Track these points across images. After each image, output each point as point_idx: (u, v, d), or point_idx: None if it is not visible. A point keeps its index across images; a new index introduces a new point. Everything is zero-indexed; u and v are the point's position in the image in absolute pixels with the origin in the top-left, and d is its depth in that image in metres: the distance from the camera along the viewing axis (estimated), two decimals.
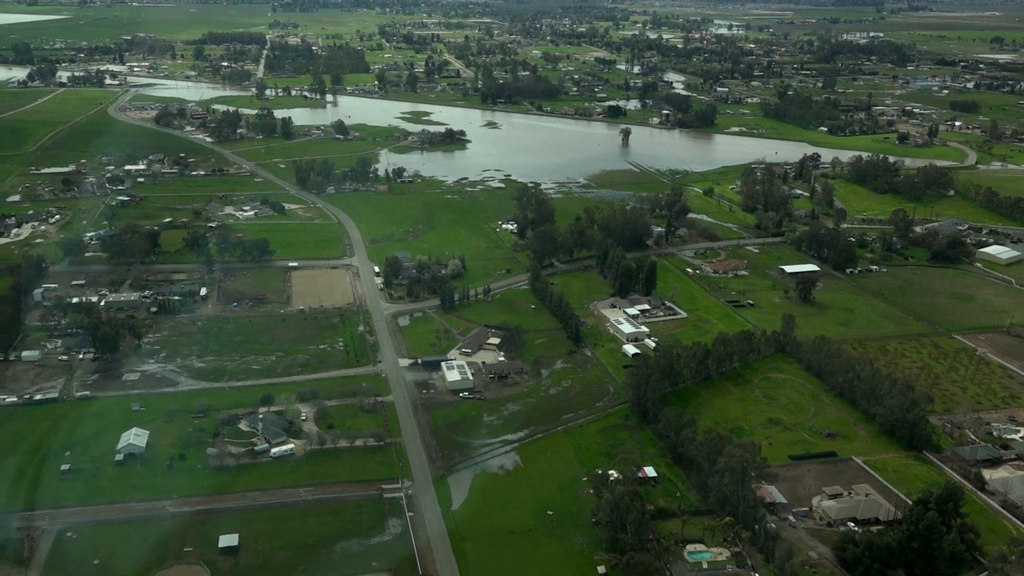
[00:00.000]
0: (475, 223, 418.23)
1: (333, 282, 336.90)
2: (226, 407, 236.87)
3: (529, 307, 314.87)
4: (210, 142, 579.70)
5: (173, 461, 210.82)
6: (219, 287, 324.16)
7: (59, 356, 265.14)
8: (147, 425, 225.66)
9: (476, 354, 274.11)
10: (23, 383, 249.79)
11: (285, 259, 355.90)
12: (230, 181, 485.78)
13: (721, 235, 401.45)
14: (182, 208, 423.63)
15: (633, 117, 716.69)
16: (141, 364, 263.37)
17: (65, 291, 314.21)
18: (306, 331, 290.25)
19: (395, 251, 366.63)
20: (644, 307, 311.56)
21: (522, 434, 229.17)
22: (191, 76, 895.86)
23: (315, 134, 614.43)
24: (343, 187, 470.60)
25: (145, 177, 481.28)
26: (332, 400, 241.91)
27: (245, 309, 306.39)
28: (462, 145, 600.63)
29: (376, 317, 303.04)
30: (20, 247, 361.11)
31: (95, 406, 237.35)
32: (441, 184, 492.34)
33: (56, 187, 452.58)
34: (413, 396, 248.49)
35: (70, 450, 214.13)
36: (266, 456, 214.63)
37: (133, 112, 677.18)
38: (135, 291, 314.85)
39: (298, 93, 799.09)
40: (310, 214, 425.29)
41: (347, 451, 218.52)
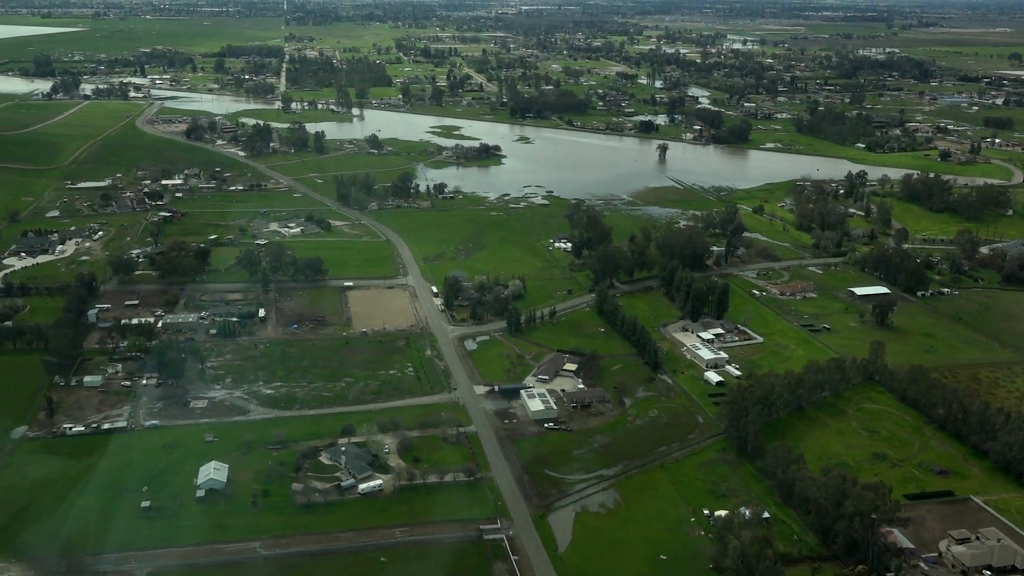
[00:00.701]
0: (525, 241, 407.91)
1: (391, 303, 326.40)
2: (303, 438, 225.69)
3: (598, 330, 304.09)
4: (243, 156, 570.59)
5: (257, 498, 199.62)
6: (276, 308, 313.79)
7: (121, 382, 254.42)
8: (224, 458, 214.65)
9: (553, 381, 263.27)
10: (87, 411, 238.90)
11: (339, 278, 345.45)
12: (269, 197, 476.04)
13: (780, 255, 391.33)
14: (225, 224, 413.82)
15: (665, 132, 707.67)
16: (207, 390, 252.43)
17: (119, 312, 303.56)
18: (372, 355, 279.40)
19: (449, 270, 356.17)
20: (718, 331, 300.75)
21: (617, 469, 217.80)
22: (214, 89, 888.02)
23: (348, 148, 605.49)
24: (385, 203, 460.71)
25: (183, 192, 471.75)
26: (413, 431, 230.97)
27: (306, 331, 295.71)
28: (497, 160, 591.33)
29: (442, 340, 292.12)
30: (66, 265, 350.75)
31: (166, 436, 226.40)
32: (484, 200, 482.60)
33: (94, 202, 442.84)
34: (495, 426, 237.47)
35: (148, 485, 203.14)
36: (353, 492, 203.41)
37: (161, 125, 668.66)
38: (191, 312, 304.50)
39: (324, 107, 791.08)
40: (357, 231, 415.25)
41: (437, 487, 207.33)
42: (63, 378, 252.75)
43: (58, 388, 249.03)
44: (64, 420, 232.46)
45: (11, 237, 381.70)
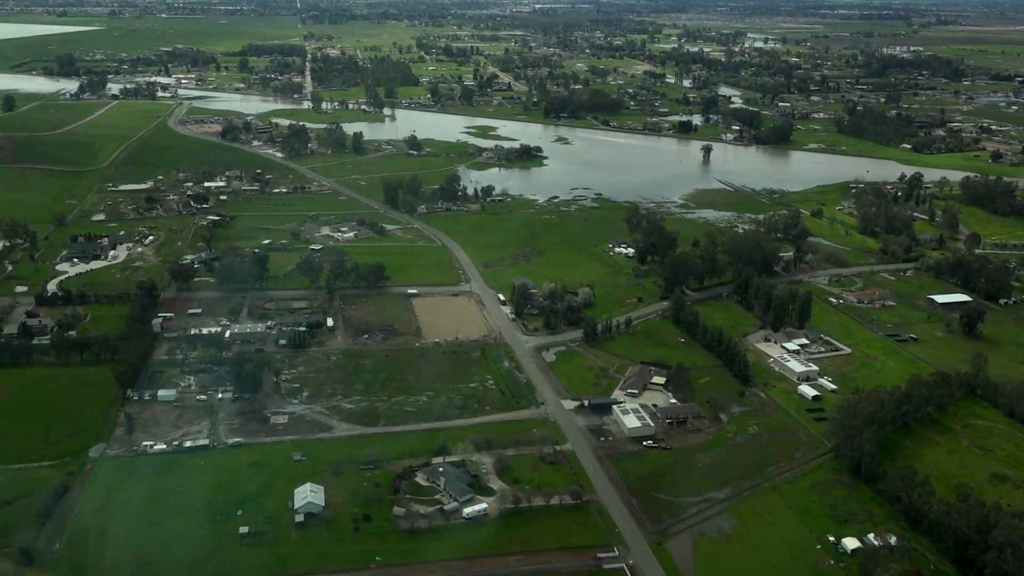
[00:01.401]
0: (583, 246, 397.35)
1: (459, 311, 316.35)
2: (395, 457, 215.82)
3: (677, 340, 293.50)
4: (281, 157, 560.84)
5: (358, 523, 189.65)
6: (342, 316, 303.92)
7: (196, 396, 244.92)
8: (315, 479, 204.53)
9: (642, 395, 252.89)
10: (165, 427, 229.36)
11: (402, 285, 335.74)
12: (313, 199, 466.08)
13: (849, 261, 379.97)
14: (275, 229, 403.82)
15: (704, 133, 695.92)
16: (285, 405, 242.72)
17: (182, 321, 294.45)
18: (449, 367, 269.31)
19: (511, 276, 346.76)
20: (802, 342, 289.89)
21: (727, 491, 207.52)
22: (240, 88, 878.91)
23: (387, 149, 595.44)
24: (434, 206, 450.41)
25: (227, 195, 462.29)
26: (508, 449, 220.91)
27: (377, 342, 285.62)
28: (539, 162, 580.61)
29: (518, 352, 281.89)
30: (121, 271, 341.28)
31: (251, 454, 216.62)
32: (533, 203, 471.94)
33: (139, 205, 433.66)
34: (591, 444, 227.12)
35: (241, 508, 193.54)
36: (458, 517, 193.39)
37: (194, 126, 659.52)
38: (256, 321, 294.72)
39: (355, 106, 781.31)
40: (410, 235, 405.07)
41: (543, 511, 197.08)
42: (136, 392, 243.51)
43: (132, 402, 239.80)
44: (143, 437, 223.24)
45: (60, 241, 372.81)
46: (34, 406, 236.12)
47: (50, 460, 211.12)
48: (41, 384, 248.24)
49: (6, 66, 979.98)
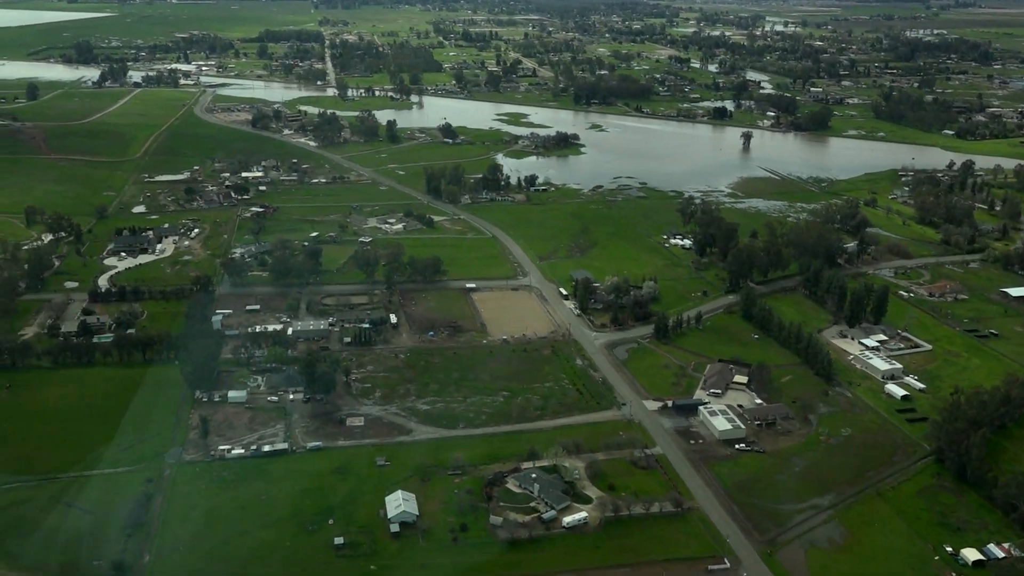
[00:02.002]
0: (637, 237, 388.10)
1: (521, 306, 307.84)
2: (482, 461, 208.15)
3: (751, 337, 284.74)
4: (314, 146, 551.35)
5: (455, 532, 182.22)
6: (404, 313, 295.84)
7: (267, 397, 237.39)
8: (403, 485, 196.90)
9: (725, 395, 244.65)
10: (240, 430, 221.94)
11: (458, 279, 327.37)
12: (353, 190, 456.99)
13: (912, 252, 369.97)
14: (320, 220, 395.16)
15: (739, 119, 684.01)
16: (359, 406, 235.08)
17: (242, 318, 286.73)
18: (520, 365, 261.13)
19: (569, 269, 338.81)
20: (880, 338, 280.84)
21: (831, 497, 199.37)
22: (262, 75, 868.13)
23: (420, 138, 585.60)
24: (479, 196, 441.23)
25: (265, 185, 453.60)
26: (597, 453, 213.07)
27: (443, 339, 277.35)
28: (576, 149, 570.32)
29: (588, 349, 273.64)
30: (170, 265, 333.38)
31: (333, 459, 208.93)
32: (577, 193, 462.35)
33: (178, 196, 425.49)
34: (682, 447, 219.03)
35: (332, 518, 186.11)
36: (557, 526, 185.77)
37: (221, 114, 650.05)
38: (317, 318, 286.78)
39: (381, 93, 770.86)
40: (459, 227, 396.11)
41: (644, 519, 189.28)
42: (205, 393, 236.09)
43: (201, 404, 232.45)
44: (218, 440, 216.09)
45: (103, 234, 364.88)
46: (102, 408, 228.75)
47: (127, 466, 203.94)
48: (106, 385, 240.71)
49: (23, 53, 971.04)
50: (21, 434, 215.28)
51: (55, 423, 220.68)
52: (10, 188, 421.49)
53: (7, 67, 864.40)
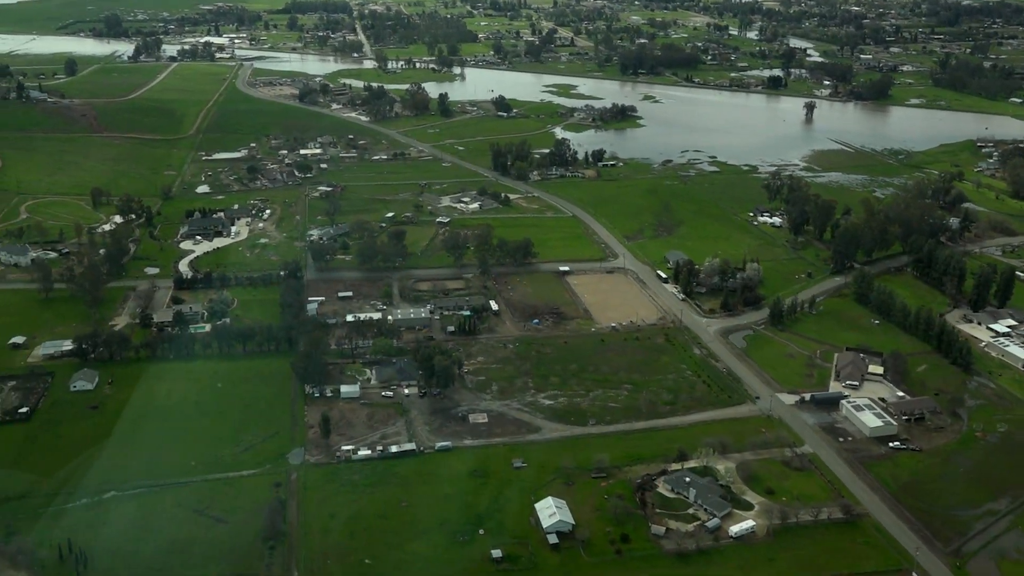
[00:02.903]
0: (722, 214, 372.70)
1: (620, 291, 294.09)
2: (623, 463, 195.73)
3: (870, 322, 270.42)
4: (366, 121, 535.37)
5: (617, 543, 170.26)
6: (503, 299, 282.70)
7: (381, 392, 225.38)
8: (548, 490, 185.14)
9: (862, 387, 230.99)
10: (359, 428, 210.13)
11: (550, 262, 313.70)
12: (416, 167, 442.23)
13: (1016, 228, 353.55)
14: (391, 199, 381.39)
15: (794, 89, 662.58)
16: (477, 401, 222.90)
17: (336, 305, 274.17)
18: (636, 355, 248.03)
19: (661, 250, 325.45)
20: (1009, 323, 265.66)
21: (1005, 502, 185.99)
22: (297, 48, 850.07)
23: (472, 111, 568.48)
24: (548, 173, 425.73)
25: (325, 163, 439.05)
26: (744, 452, 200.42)
27: (548, 327, 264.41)
28: (634, 122, 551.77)
29: (704, 337, 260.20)
30: (248, 249, 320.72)
31: (465, 460, 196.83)
32: (648, 168, 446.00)
33: (240, 175, 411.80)
34: (832, 446, 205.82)
35: (481, 526, 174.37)
36: (724, 535, 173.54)
37: (264, 88, 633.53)
38: (414, 305, 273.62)
39: (422, 65, 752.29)
40: (535, 205, 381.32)
41: (813, 528, 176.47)
42: (315, 388, 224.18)
43: (314, 400, 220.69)
44: (340, 440, 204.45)
45: (173, 216, 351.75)
46: (213, 404, 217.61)
47: (251, 469, 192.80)
48: (212, 379, 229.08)
49: (52, 27, 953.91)
50: (135, 434, 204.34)
51: (167, 421, 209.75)
52: (69, 168, 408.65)
53: (38, 42, 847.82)
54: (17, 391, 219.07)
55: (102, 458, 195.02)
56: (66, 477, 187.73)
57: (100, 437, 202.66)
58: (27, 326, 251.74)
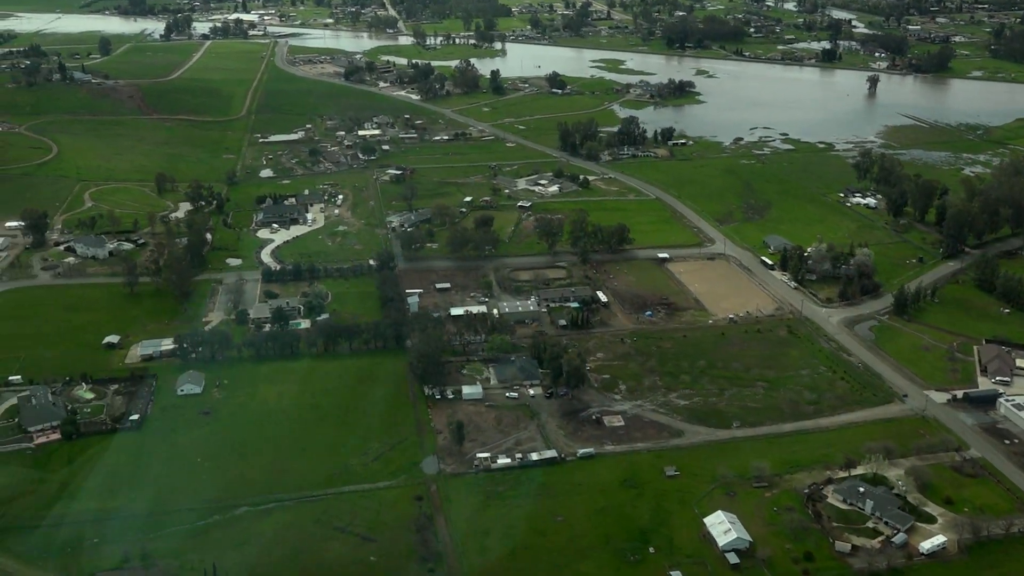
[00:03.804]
0: (810, 195, 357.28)
1: (726, 278, 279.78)
2: (784, 470, 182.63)
3: (999, 311, 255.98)
4: (417, 100, 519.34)
5: (800, 562, 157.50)
6: (608, 288, 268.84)
7: (505, 392, 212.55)
8: (710, 500, 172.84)
9: (1013, 383, 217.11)
10: (489, 433, 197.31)
11: (646, 248, 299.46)
12: (480, 147, 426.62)
13: None
14: (462, 183, 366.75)
15: (849, 62, 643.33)
16: (608, 402, 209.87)
17: (435, 298, 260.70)
18: (761, 349, 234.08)
19: (758, 234, 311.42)
20: None
21: None
22: (329, 24, 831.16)
23: (524, 88, 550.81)
24: (619, 152, 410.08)
25: (387, 144, 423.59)
26: (910, 458, 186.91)
27: (662, 319, 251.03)
28: (693, 98, 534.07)
29: (828, 328, 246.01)
30: (328, 237, 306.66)
31: (613, 468, 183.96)
32: (719, 146, 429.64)
33: (302, 159, 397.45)
34: (1001, 449, 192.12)
35: (651, 544, 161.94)
36: (914, 552, 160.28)
37: (304, 66, 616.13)
38: (515, 296, 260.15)
39: (461, 41, 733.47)
40: (614, 187, 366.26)
41: (1008, 542, 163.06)
42: (435, 389, 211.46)
43: (436, 402, 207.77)
44: (473, 447, 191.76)
45: (242, 202, 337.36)
46: (329, 408, 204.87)
47: (385, 480, 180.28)
48: (323, 380, 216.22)
49: (76, 5, 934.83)
50: (255, 442, 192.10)
51: (286, 427, 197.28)
52: (126, 152, 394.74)
53: (64, 20, 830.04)
54: (121, 395, 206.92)
55: (226, 469, 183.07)
56: (192, 491, 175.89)
57: (219, 446, 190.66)
58: (118, 324, 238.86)
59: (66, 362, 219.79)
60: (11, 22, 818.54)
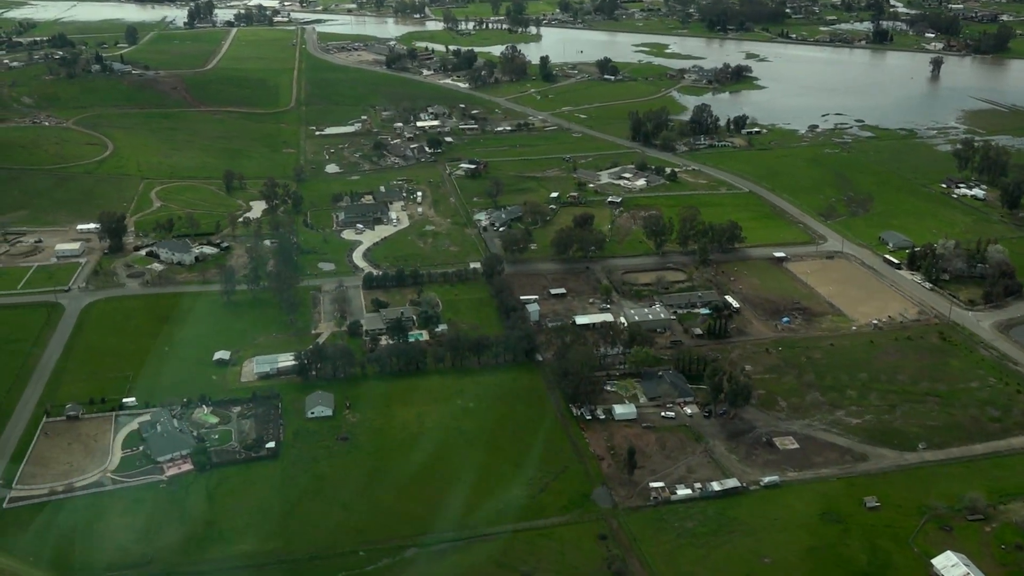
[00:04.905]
0: (909, 187, 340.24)
1: (854, 280, 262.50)
2: (996, 500, 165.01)
3: None
4: (465, 88, 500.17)
5: None
6: (733, 292, 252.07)
7: (661, 412, 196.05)
8: (925, 536, 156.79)
9: None
10: (656, 459, 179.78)
11: (757, 246, 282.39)
12: (545, 138, 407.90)
13: None
14: (539, 176, 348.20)
15: (900, 43, 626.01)
16: (775, 421, 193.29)
17: (554, 305, 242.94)
18: (919, 359, 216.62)
19: (871, 230, 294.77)
20: None
21: None
22: (353, 10, 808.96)
23: (574, 75, 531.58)
24: (696, 142, 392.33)
25: (449, 136, 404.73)
26: None
27: (803, 327, 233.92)
28: (751, 83, 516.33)
29: (982, 335, 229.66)
30: (420, 238, 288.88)
31: (803, 498, 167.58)
32: (796, 135, 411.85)
33: (365, 152, 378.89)
34: None
35: None
36: None
37: (339, 53, 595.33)
38: (635, 302, 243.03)
39: (494, 26, 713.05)
40: (703, 180, 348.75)
41: None
42: (585, 408, 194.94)
43: (586, 423, 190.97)
44: (642, 475, 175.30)
45: (316, 200, 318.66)
46: (477, 432, 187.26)
47: (559, 515, 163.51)
48: (460, 399, 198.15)
49: None
50: (405, 472, 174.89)
51: (434, 454, 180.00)
52: (183, 147, 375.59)
53: (80, 8, 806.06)
54: (247, 419, 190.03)
55: (381, 504, 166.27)
56: (351, 530, 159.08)
57: (365, 476, 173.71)
58: (223, 338, 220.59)
59: (177, 381, 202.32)
60: (26, 10, 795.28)
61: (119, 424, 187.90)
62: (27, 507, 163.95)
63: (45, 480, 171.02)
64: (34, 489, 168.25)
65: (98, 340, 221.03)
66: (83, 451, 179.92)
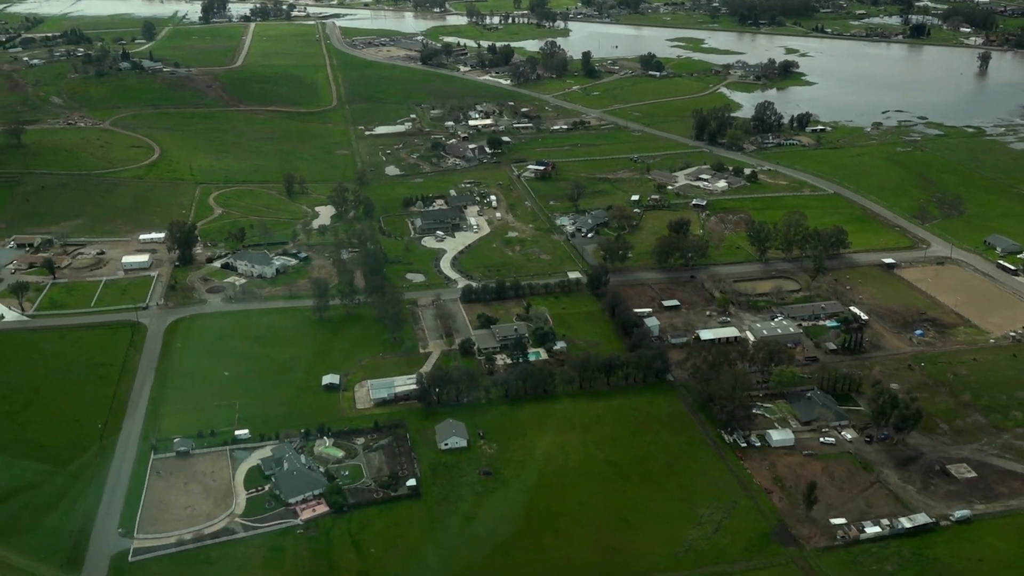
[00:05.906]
0: (998, 187, 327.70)
1: (974, 288, 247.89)
2: None
3: None
4: (507, 84, 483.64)
5: None
6: (855, 302, 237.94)
7: (819, 438, 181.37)
8: None
9: None
10: (830, 492, 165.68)
11: (862, 252, 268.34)
12: (604, 137, 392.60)
13: None
14: (610, 178, 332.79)
15: (938, 38, 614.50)
16: (939, 446, 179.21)
17: (672, 319, 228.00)
18: None
19: (973, 235, 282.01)
20: None
21: None
22: (369, 4, 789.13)
23: (618, 71, 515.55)
24: (765, 141, 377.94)
25: (504, 135, 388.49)
26: None
27: (939, 340, 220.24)
28: (798, 79, 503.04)
29: None
30: (507, 247, 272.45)
31: (1003, 536, 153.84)
32: (862, 133, 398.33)
33: (423, 154, 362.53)
34: None
35: None
36: None
37: (367, 49, 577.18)
38: (753, 314, 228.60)
39: (520, 20, 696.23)
40: (783, 181, 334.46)
41: None
42: (738, 434, 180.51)
43: (741, 450, 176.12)
44: (820, 511, 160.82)
45: (387, 205, 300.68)
46: (628, 464, 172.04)
47: (742, 559, 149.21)
48: (600, 427, 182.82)
49: None
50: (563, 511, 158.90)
51: (587, 489, 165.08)
52: (233, 149, 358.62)
53: (85, 3, 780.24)
54: (374, 451, 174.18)
55: (545, 549, 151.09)
56: None
57: (519, 517, 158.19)
58: (326, 359, 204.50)
59: (288, 410, 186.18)
60: (31, 5, 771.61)
61: (235, 460, 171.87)
62: (155, 559, 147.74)
63: (168, 527, 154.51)
64: (159, 538, 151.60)
65: (191, 364, 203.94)
66: (203, 492, 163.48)
